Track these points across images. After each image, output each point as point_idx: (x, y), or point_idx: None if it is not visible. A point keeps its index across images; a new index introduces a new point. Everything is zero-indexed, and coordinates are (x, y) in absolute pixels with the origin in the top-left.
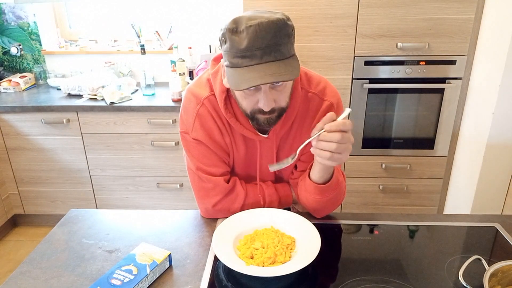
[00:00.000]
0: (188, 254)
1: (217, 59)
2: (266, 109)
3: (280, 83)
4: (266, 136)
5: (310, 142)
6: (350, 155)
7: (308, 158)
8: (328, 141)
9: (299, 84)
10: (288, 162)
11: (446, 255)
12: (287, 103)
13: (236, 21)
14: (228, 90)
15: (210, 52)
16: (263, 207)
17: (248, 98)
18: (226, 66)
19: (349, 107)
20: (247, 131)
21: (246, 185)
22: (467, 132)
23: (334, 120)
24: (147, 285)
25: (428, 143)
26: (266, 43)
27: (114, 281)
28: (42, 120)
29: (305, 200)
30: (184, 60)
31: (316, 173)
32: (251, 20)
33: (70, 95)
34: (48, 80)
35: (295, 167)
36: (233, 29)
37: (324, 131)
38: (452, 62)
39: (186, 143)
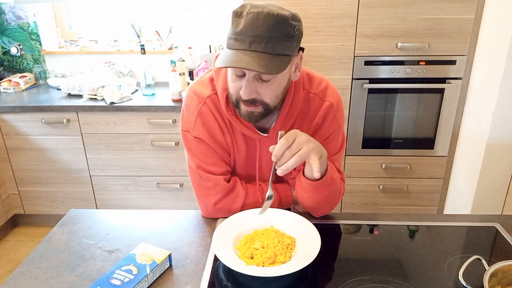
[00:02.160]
0: (188, 254)
1: None
2: (244, 96)
3: (266, 76)
4: (266, 135)
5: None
6: (350, 155)
7: None
8: (281, 155)
9: (301, 85)
10: (269, 203)
11: (446, 255)
12: (273, 102)
13: (243, 6)
14: None
15: (210, 52)
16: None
17: (234, 83)
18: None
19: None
20: (247, 130)
21: (247, 185)
22: (467, 132)
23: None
24: (147, 285)
25: (428, 143)
26: (258, 33)
27: (114, 281)
28: (42, 120)
29: (302, 199)
30: (184, 60)
31: (309, 170)
32: (255, 7)
33: (70, 95)
34: (48, 80)
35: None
36: (238, 13)
37: (274, 156)
38: (452, 62)
39: (187, 141)
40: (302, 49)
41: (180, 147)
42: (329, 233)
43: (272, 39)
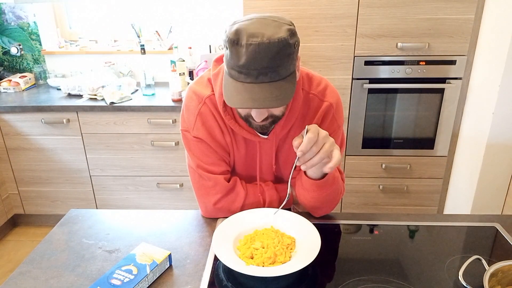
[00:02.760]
0: (188, 254)
1: (219, 60)
2: (257, 120)
3: None
4: (266, 137)
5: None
6: (350, 155)
7: None
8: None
9: (301, 87)
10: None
11: (446, 255)
12: (283, 113)
13: (238, 33)
14: None
15: (210, 52)
16: (264, 207)
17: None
18: (225, 71)
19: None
20: (246, 133)
21: (247, 185)
22: (467, 132)
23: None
24: (147, 285)
25: (428, 143)
26: (263, 65)
27: (114, 281)
28: (42, 120)
29: (303, 198)
30: (184, 60)
31: (312, 170)
32: (253, 37)
33: (70, 95)
34: (48, 80)
35: (294, 166)
36: (234, 41)
37: (300, 151)
38: (452, 62)
39: (187, 141)
40: None
41: (180, 147)
42: (329, 233)
43: (277, 66)
